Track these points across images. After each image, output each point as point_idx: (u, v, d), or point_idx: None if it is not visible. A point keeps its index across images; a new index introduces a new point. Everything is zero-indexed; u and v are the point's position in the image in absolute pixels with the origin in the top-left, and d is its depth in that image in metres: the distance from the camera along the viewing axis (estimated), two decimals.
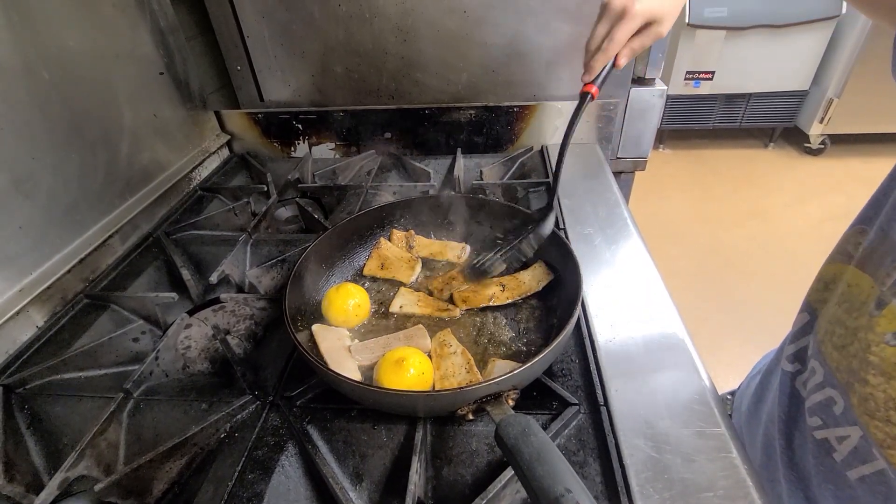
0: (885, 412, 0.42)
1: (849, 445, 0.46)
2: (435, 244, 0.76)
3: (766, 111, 2.97)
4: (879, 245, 0.45)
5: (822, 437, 0.49)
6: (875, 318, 0.43)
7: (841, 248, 0.52)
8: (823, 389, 0.49)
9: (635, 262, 0.70)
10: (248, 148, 1.14)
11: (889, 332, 0.41)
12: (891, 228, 0.44)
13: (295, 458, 0.49)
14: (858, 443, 0.45)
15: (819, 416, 0.50)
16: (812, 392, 0.51)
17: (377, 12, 0.98)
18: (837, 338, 0.48)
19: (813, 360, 0.51)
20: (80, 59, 0.74)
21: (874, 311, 0.43)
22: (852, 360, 0.45)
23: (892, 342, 0.41)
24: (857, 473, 0.46)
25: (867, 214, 0.49)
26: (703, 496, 0.42)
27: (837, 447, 0.47)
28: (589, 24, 0.59)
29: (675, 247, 2.45)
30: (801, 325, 0.57)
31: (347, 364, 0.55)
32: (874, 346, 0.42)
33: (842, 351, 0.47)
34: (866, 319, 0.44)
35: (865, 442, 0.44)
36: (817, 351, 0.51)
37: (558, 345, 0.48)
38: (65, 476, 0.47)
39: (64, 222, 0.72)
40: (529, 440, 0.38)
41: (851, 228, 0.51)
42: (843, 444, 0.47)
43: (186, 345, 0.62)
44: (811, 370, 0.51)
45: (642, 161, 1.10)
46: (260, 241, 0.80)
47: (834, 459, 0.48)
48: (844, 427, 0.46)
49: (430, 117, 1.04)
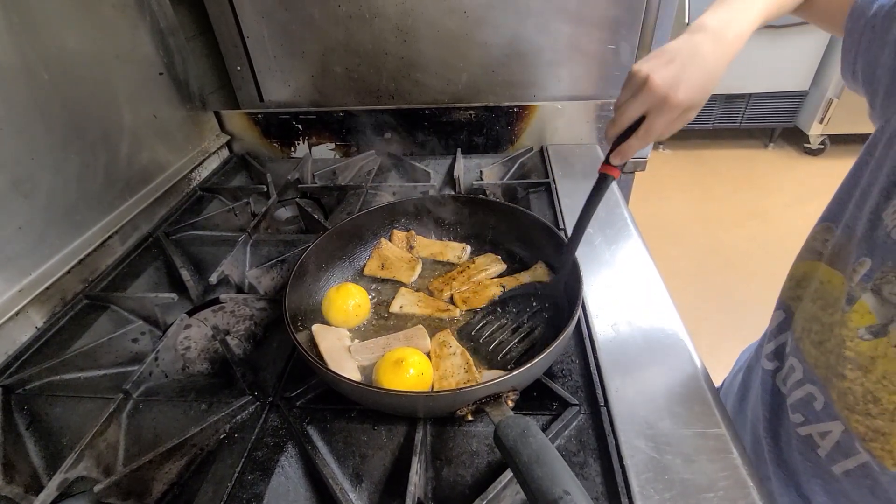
0: (864, 406, 0.42)
1: (832, 440, 0.46)
2: (435, 244, 0.75)
3: (765, 111, 2.97)
4: (846, 242, 0.46)
5: (805, 434, 0.50)
6: (847, 314, 0.43)
7: (809, 245, 0.53)
8: (803, 386, 0.50)
9: (635, 262, 0.70)
10: (247, 148, 1.13)
11: (861, 327, 0.42)
12: (856, 225, 0.45)
13: (295, 459, 0.49)
14: (841, 437, 0.45)
15: (801, 412, 0.50)
16: (793, 389, 0.51)
17: (377, 13, 0.98)
18: (814, 334, 0.48)
19: (791, 357, 0.52)
20: (79, 60, 0.74)
21: (845, 307, 0.44)
22: (829, 355, 0.46)
23: (866, 336, 0.42)
24: (842, 468, 0.46)
25: (832, 212, 0.50)
26: (703, 497, 0.42)
27: (821, 443, 0.48)
28: (589, 23, 0.58)
29: (675, 247, 2.44)
30: (777, 323, 0.57)
31: (347, 364, 0.55)
32: (849, 342, 0.43)
33: (819, 347, 0.47)
34: (840, 315, 0.44)
35: (847, 436, 0.45)
36: (795, 348, 0.51)
37: (558, 345, 0.48)
38: (64, 477, 0.47)
39: (63, 223, 0.72)
40: (528, 442, 0.38)
41: (818, 226, 0.52)
42: (826, 439, 0.47)
43: (186, 345, 0.62)
44: (790, 367, 0.52)
45: (642, 161, 1.10)
46: (260, 242, 0.80)
47: (819, 455, 0.48)
48: (826, 422, 0.47)
49: (429, 117, 1.04)
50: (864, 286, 0.42)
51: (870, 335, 0.41)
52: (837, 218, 0.49)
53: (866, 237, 0.43)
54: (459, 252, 0.73)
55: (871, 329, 0.41)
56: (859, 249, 0.43)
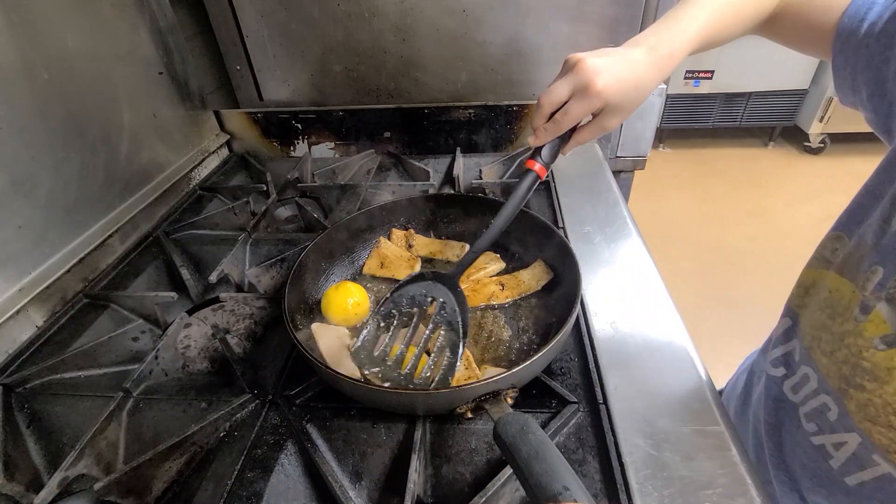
0: (885, 417, 0.41)
1: (846, 452, 0.45)
2: (435, 243, 0.76)
3: (765, 110, 2.97)
4: (856, 250, 0.45)
5: (819, 443, 0.49)
6: (862, 324, 0.42)
7: (819, 253, 0.52)
8: (818, 396, 0.49)
9: (634, 260, 0.70)
10: (247, 147, 1.14)
11: (877, 337, 0.41)
12: (865, 233, 0.44)
13: (294, 457, 0.49)
14: (857, 449, 0.44)
15: (815, 422, 0.49)
16: (807, 398, 0.50)
17: (376, 11, 0.98)
18: (825, 344, 0.47)
19: (804, 367, 0.51)
20: (79, 59, 0.74)
21: (860, 317, 0.43)
22: (842, 366, 0.45)
23: (881, 347, 0.41)
24: (856, 479, 0.45)
25: (844, 222, 0.49)
26: (702, 494, 0.42)
27: (834, 453, 0.47)
28: (588, 22, 0.58)
29: (675, 246, 2.45)
30: (783, 330, 0.56)
31: (346, 363, 0.56)
32: (865, 352, 0.42)
33: (830, 357, 0.46)
34: (853, 325, 0.43)
35: (865, 448, 0.43)
36: (808, 357, 0.50)
37: (557, 343, 0.48)
38: (64, 475, 0.47)
39: (63, 222, 0.72)
40: (527, 438, 0.38)
41: (829, 234, 0.51)
42: (841, 450, 0.46)
43: (186, 344, 0.62)
44: (804, 376, 0.51)
45: (641, 160, 1.10)
46: (259, 241, 0.80)
47: (830, 466, 0.47)
48: (840, 433, 0.46)
49: (429, 116, 1.04)
50: (879, 295, 0.41)
51: (884, 345, 0.40)
52: (849, 227, 0.48)
53: (876, 245, 0.42)
54: (458, 251, 0.74)
55: (885, 339, 0.40)
56: (871, 257, 0.43)
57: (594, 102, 0.50)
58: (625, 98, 0.50)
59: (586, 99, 0.49)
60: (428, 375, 0.50)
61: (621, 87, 0.49)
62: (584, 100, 0.50)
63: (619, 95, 0.50)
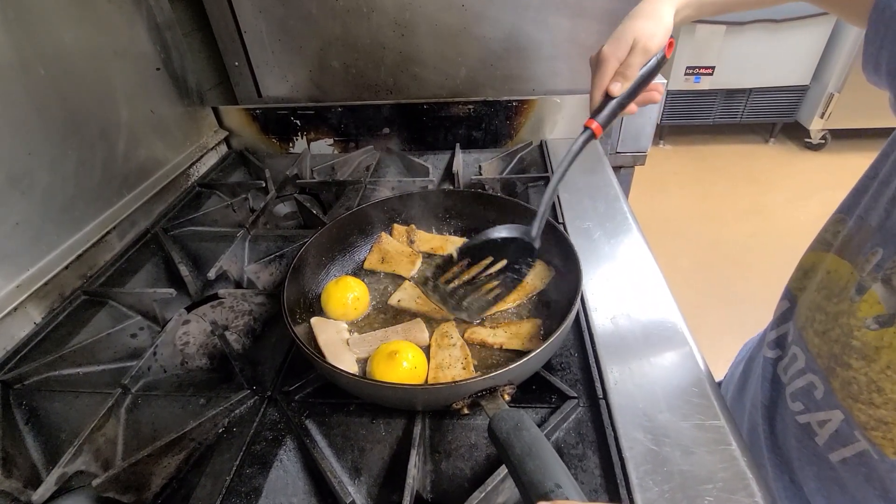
0: (867, 395, 0.43)
1: (830, 429, 0.47)
2: (436, 239, 0.75)
3: (766, 106, 2.96)
4: (857, 232, 0.46)
5: (804, 422, 0.50)
6: (856, 304, 0.44)
7: (821, 237, 0.54)
8: (805, 375, 0.50)
9: (635, 256, 0.70)
10: (246, 144, 1.13)
11: (870, 317, 0.42)
12: (868, 216, 0.45)
13: (293, 453, 0.49)
14: (839, 426, 0.46)
15: (801, 401, 0.51)
16: (794, 378, 0.52)
17: (375, 7, 0.98)
18: (818, 324, 0.49)
19: (794, 347, 0.52)
20: (76, 56, 0.74)
21: (854, 297, 0.44)
22: (833, 345, 0.46)
23: (873, 326, 0.42)
24: (839, 456, 0.47)
25: (847, 204, 0.50)
26: (702, 488, 0.42)
27: (819, 431, 0.49)
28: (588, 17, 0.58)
29: (676, 242, 2.44)
30: (781, 312, 0.58)
31: (345, 357, 0.55)
32: (856, 331, 0.43)
33: (822, 336, 0.48)
34: (847, 305, 0.45)
35: (847, 425, 0.45)
36: (799, 337, 0.52)
37: (556, 339, 0.48)
38: (63, 471, 0.47)
39: (61, 219, 0.71)
40: (521, 435, 0.38)
41: (832, 217, 0.52)
42: (825, 427, 0.48)
43: (185, 340, 0.62)
44: (792, 356, 0.53)
45: (642, 156, 1.09)
46: (258, 237, 0.80)
47: (816, 443, 0.49)
48: (825, 411, 0.47)
49: (428, 112, 1.04)
50: (875, 276, 0.42)
51: (877, 325, 0.42)
52: (851, 209, 0.49)
53: (881, 227, 0.43)
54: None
55: (878, 319, 0.42)
56: (873, 239, 0.44)
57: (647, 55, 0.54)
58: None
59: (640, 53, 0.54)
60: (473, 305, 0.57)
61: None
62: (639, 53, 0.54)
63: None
